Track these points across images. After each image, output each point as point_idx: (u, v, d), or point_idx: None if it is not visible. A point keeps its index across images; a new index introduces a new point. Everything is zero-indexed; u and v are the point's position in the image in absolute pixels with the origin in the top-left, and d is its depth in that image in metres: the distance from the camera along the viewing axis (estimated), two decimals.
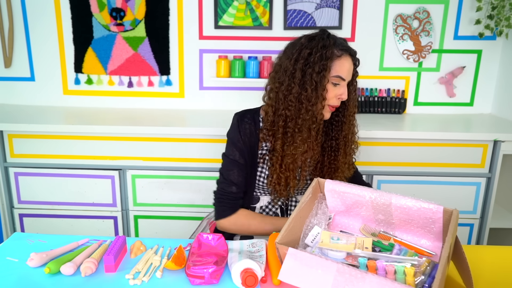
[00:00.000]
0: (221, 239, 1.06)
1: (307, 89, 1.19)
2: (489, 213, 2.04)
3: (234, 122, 1.34)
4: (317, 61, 1.18)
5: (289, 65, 1.22)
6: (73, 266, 0.96)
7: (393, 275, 0.85)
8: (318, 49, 1.20)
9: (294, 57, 1.22)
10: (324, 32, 1.25)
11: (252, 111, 1.37)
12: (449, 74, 2.36)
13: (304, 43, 1.23)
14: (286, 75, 1.22)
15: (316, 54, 1.19)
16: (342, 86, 1.24)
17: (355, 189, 1.02)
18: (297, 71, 1.20)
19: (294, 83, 1.20)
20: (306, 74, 1.19)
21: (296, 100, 1.21)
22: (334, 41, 1.22)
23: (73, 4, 2.29)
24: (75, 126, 1.98)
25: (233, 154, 1.31)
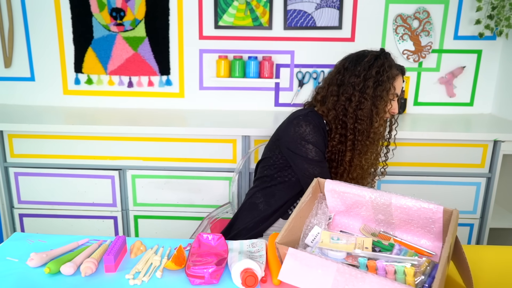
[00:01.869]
0: (221, 239, 1.06)
1: (378, 106, 1.30)
2: (489, 213, 2.04)
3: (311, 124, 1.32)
4: (386, 80, 1.31)
5: (357, 81, 1.31)
6: (73, 266, 0.96)
7: (393, 275, 0.85)
8: (385, 68, 1.31)
9: (362, 74, 1.31)
10: (384, 51, 1.37)
11: (313, 113, 1.37)
12: (449, 74, 2.36)
13: (370, 61, 1.32)
14: (355, 91, 1.31)
15: (384, 74, 1.31)
16: (395, 101, 1.36)
17: (355, 189, 1.02)
18: (368, 88, 1.30)
19: (366, 99, 1.30)
20: (377, 92, 1.30)
21: (367, 115, 1.31)
22: (393, 60, 1.37)
23: (73, 4, 2.29)
24: (75, 126, 1.98)
25: (319, 155, 1.33)
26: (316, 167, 1.31)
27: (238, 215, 1.47)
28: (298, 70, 2.38)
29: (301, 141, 1.31)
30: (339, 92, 1.34)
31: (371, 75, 1.30)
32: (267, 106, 2.43)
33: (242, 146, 1.99)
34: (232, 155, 2.01)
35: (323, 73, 2.37)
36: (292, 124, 1.35)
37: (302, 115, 1.35)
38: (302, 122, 1.33)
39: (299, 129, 1.32)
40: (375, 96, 1.30)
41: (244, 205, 1.47)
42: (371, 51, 1.37)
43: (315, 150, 1.31)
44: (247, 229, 1.40)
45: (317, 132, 1.32)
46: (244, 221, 1.42)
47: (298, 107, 2.40)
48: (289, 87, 2.40)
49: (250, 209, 1.43)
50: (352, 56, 1.38)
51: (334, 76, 1.38)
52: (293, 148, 1.34)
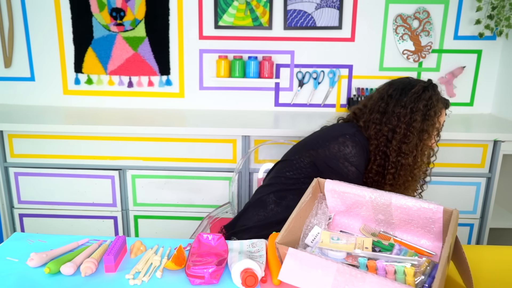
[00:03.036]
0: (221, 239, 1.06)
1: (423, 140, 1.27)
2: (489, 213, 2.04)
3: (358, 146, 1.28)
4: (433, 114, 1.27)
5: (404, 113, 1.27)
6: (73, 266, 0.95)
7: (393, 275, 0.85)
8: (433, 102, 1.28)
9: (410, 106, 1.27)
10: (432, 83, 1.34)
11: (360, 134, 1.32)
12: (449, 74, 2.36)
13: (418, 93, 1.28)
14: (401, 123, 1.27)
15: (432, 108, 1.27)
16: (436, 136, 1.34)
17: (355, 189, 1.02)
18: (415, 121, 1.26)
19: (412, 133, 1.26)
20: (424, 126, 1.27)
21: (412, 149, 1.27)
22: (440, 93, 1.34)
23: (73, 4, 2.29)
24: (75, 126, 1.98)
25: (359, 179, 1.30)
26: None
27: (244, 211, 1.42)
28: (298, 70, 2.38)
29: (344, 162, 1.27)
30: (381, 121, 1.29)
31: (419, 108, 1.26)
32: (267, 106, 2.43)
33: (242, 146, 1.99)
34: (232, 155, 2.01)
35: (323, 73, 2.37)
36: (338, 141, 1.28)
37: (350, 135, 1.29)
38: (348, 142, 1.27)
39: (344, 148, 1.27)
40: (422, 131, 1.26)
41: (253, 203, 1.41)
42: (418, 81, 1.33)
43: (356, 173, 1.28)
44: (251, 226, 1.36)
45: (362, 155, 1.28)
46: (252, 219, 1.38)
47: (297, 107, 2.42)
48: (289, 87, 2.40)
49: (258, 206, 1.39)
50: (397, 83, 1.33)
51: (376, 102, 1.32)
52: (333, 165, 1.29)
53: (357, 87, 2.37)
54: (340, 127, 1.37)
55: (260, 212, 1.38)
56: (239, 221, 1.42)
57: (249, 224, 1.38)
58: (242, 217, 1.42)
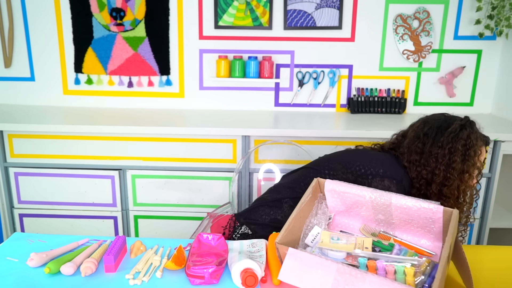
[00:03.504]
0: (221, 239, 1.06)
1: (464, 181, 1.21)
2: (489, 213, 2.04)
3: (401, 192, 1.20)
4: (473, 154, 1.21)
5: (442, 154, 1.21)
6: (73, 266, 0.96)
7: (393, 275, 0.85)
8: (472, 141, 1.22)
9: (448, 147, 1.21)
10: (469, 120, 1.27)
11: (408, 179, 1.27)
12: (449, 74, 2.36)
13: (455, 131, 1.23)
14: (440, 164, 1.21)
15: (471, 148, 1.21)
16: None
17: (355, 189, 1.02)
18: (454, 163, 1.20)
19: (452, 175, 1.20)
20: (464, 167, 1.21)
21: (454, 192, 1.21)
22: (478, 130, 1.26)
23: (73, 4, 2.29)
24: (75, 126, 1.98)
25: None
26: None
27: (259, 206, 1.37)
28: (298, 70, 2.38)
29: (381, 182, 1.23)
30: (420, 162, 1.24)
31: (457, 149, 1.20)
32: (267, 106, 2.43)
33: (242, 146, 1.99)
34: (232, 155, 2.01)
35: (323, 73, 2.37)
36: (383, 182, 1.24)
37: (397, 180, 1.24)
38: (393, 189, 1.22)
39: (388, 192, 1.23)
40: (463, 172, 1.20)
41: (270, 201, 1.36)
42: (454, 118, 1.27)
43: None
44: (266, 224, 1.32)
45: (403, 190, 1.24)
46: (267, 217, 1.33)
47: (297, 107, 2.42)
48: (289, 87, 2.40)
49: (276, 207, 1.34)
50: (432, 121, 1.28)
51: (413, 142, 1.27)
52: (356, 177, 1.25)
53: (357, 87, 2.37)
54: (388, 163, 1.29)
55: (278, 212, 1.33)
56: (252, 214, 1.36)
57: (265, 221, 1.33)
58: (256, 211, 1.37)
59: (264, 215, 1.34)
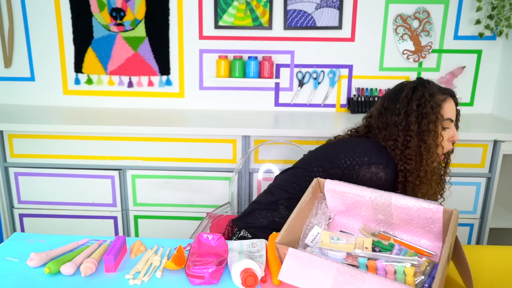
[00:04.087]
0: (221, 239, 1.06)
1: (425, 140, 1.20)
2: (489, 213, 2.04)
3: (389, 176, 1.23)
4: (430, 110, 1.20)
5: (399, 120, 1.23)
6: (73, 266, 0.96)
7: (393, 275, 0.85)
8: (426, 98, 1.22)
9: (403, 111, 1.23)
10: (422, 80, 1.28)
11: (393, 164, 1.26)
12: (449, 74, 2.36)
13: (408, 95, 1.24)
14: (399, 130, 1.23)
15: (427, 104, 1.21)
16: (451, 128, 1.26)
17: (355, 189, 1.02)
18: (411, 124, 1.21)
19: (411, 136, 1.21)
20: (422, 125, 1.21)
21: (416, 153, 1.21)
22: (436, 86, 1.27)
23: (73, 4, 2.29)
24: (75, 126, 1.98)
25: None
26: None
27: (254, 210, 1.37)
28: (298, 70, 2.38)
29: (371, 185, 1.21)
30: (388, 136, 1.26)
31: (412, 110, 1.22)
32: (267, 106, 2.43)
33: (242, 146, 1.99)
34: (232, 155, 2.01)
35: (323, 73, 2.37)
36: (370, 170, 1.23)
37: (384, 165, 1.23)
38: (382, 174, 1.23)
39: (377, 180, 1.23)
40: (422, 131, 1.21)
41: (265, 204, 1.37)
42: (407, 83, 1.28)
43: None
44: (264, 226, 1.32)
45: (390, 183, 1.25)
46: (264, 220, 1.33)
47: (297, 107, 2.42)
48: (289, 87, 2.40)
49: (272, 209, 1.35)
50: (390, 93, 1.30)
51: (378, 119, 1.30)
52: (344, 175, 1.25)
53: (357, 87, 2.37)
54: (370, 149, 1.28)
55: (274, 214, 1.34)
56: (249, 218, 1.37)
57: (262, 223, 1.33)
58: (253, 215, 1.37)
59: (261, 218, 1.34)
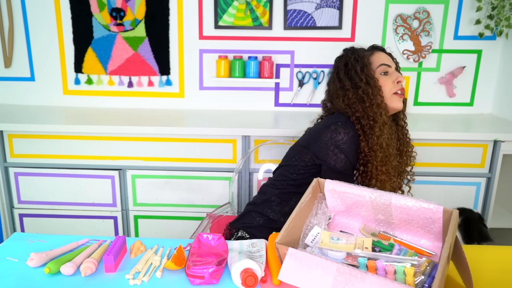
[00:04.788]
0: (221, 239, 1.06)
1: (360, 86, 1.28)
2: (489, 213, 2.04)
3: (350, 133, 1.26)
4: (355, 62, 1.30)
5: (335, 84, 1.34)
6: (73, 266, 0.96)
7: (393, 275, 0.85)
8: (350, 56, 1.33)
9: (335, 75, 1.34)
10: (346, 49, 1.38)
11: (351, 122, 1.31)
12: (449, 74, 2.36)
13: (338, 62, 1.36)
14: (338, 92, 1.33)
15: (351, 59, 1.31)
16: (392, 72, 1.33)
17: (355, 189, 1.02)
18: (343, 81, 1.31)
19: (348, 90, 1.30)
20: (352, 76, 1.30)
21: (358, 100, 1.28)
22: (361, 47, 1.38)
23: (73, 4, 2.29)
24: (75, 126, 1.98)
25: (347, 167, 1.27)
26: (341, 178, 1.20)
27: (249, 211, 1.41)
28: (298, 70, 2.38)
29: (334, 149, 1.25)
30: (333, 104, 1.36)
31: (341, 69, 1.32)
32: (267, 106, 2.43)
33: (242, 146, 1.99)
34: (232, 155, 2.01)
35: (323, 73, 2.37)
36: (329, 129, 1.27)
37: (342, 122, 1.27)
38: (341, 129, 1.26)
39: (336, 135, 1.25)
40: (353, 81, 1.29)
41: (260, 204, 1.41)
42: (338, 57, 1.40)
43: (345, 161, 1.25)
44: (261, 225, 1.36)
45: (353, 143, 1.26)
46: (260, 219, 1.38)
47: (297, 107, 2.42)
48: (289, 87, 2.40)
49: (266, 207, 1.38)
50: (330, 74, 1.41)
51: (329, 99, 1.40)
52: (321, 156, 1.27)
53: None
54: (330, 118, 1.35)
55: (268, 212, 1.37)
56: (246, 219, 1.40)
57: (259, 222, 1.36)
58: (249, 215, 1.40)
59: (257, 217, 1.37)
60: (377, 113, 1.26)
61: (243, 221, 1.39)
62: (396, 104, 1.32)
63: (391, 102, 1.31)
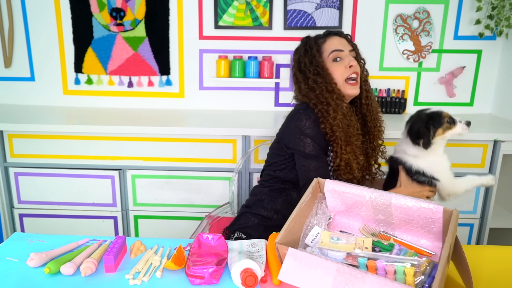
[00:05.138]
0: (221, 239, 1.06)
1: (309, 77, 1.34)
2: (489, 213, 2.04)
3: (311, 118, 1.31)
4: (304, 56, 1.36)
5: (293, 78, 1.41)
6: (73, 266, 0.96)
7: (393, 275, 0.85)
8: (302, 48, 1.39)
9: (291, 70, 1.43)
10: (305, 36, 1.44)
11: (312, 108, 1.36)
12: (449, 74, 2.36)
13: (297, 51, 1.42)
14: (296, 84, 1.41)
15: (302, 53, 1.37)
16: (344, 57, 1.35)
17: (355, 189, 1.02)
18: (297, 75, 1.38)
19: (301, 82, 1.37)
20: (302, 69, 1.36)
21: (310, 89, 1.33)
22: (314, 36, 1.42)
23: (73, 4, 2.29)
24: (75, 126, 1.98)
25: (316, 149, 1.31)
26: (313, 161, 1.29)
27: (244, 213, 1.45)
28: None
29: (300, 135, 1.30)
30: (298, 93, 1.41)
31: (295, 65, 1.39)
32: (267, 106, 2.42)
33: (242, 146, 1.99)
34: (232, 155, 2.01)
35: None
36: (293, 119, 1.34)
37: (302, 109, 1.34)
38: (302, 116, 1.32)
39: (299, 123, 1.31)
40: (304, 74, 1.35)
41: (253, 204, 1.45)
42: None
43: (313, 144, 1.30)
44: (257, 224, 1.39)
45: (316, 126, 1.30)
46: (255, 218, 1.41)
47: None
48: (289, 87, 2.40)
49: (260, 207, 1.42)
50: None
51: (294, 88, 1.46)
52: (291, 145, 1.33)
53: None
54: (294, 108, 1.41)
55: (261, 210, 1.41)
56: (241, 220, 1.44)
57: (254, 222, 1.40)
58: (244, 217, 1.44)
59: (251, 217, 1.41)
60: (328, 97, 1.31)
61: (238, 223, 1.43)
62: (348, 92, 1.35)
63: (344, 90, 1.34)
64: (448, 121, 1.33)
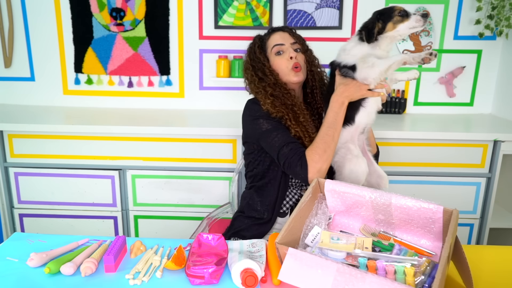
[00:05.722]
0: (221, 239, 1.06)
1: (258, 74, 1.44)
2: (489, 213, 2.04)
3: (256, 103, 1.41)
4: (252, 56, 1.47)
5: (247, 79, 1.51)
6: (73, 266, 0.96)
7: (393, 275, 0.85)
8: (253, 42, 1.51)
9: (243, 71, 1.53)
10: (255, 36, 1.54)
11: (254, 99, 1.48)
12: (449, 74, 2.36)
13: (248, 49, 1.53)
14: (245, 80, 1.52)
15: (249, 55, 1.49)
16: (285, 50, 1.45)
17: (355, 189, 1.02)
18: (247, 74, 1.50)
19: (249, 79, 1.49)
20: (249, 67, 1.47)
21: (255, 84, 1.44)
22: (261, 35, 1.52)
23: (73, 4, 2.29)
24: (75, 126, 1.98)
25: (271, 123, 1.35)
26: (273, 133, 1.33)
27: (237, 217, 1.48)
28: None
29: (253, 120, 1.38)
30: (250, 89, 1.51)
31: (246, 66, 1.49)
32: None
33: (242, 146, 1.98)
34: (232, 155, 2.01)
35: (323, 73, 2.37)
36: (244, 114, 1.45)
37: (250, 100, 1.46)
38: (249, 104, 1.44)
39: (249, 111, 1.42)
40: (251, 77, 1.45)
41: (242, 209, 1.48)
42: None
43: (267, 121, 1.35)
44: (250, 225, 1.42)
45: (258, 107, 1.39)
46: (248, 220, 1.43)
47: None
48: None
49: (251, 208, 1.44)
50: None
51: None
52: (252, 134, 1.39)
53: None
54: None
55: (252, 211, 1.43)
56: (236, 224, 1.47)
57: (248, 224, 1.42)
58: (238, 221, 1.47)
59: (245, 220, 1.44)
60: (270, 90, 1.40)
61: (233, 228, 1.46)
62: (292, 78, 1.42)
63: (289, 77, 1.42)
64: (400, 14, 1.27)
